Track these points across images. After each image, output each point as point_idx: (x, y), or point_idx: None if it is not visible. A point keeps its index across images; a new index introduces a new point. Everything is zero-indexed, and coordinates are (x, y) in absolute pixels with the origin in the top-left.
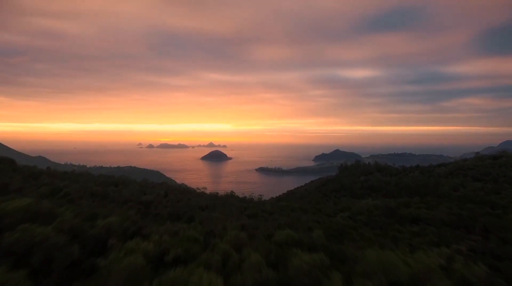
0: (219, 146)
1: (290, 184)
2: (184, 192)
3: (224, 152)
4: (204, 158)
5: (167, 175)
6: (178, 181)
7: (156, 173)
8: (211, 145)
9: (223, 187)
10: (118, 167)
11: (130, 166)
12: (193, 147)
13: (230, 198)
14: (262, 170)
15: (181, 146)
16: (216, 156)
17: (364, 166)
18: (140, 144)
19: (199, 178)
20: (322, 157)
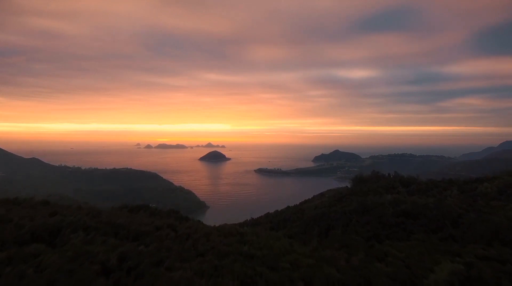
0: (217, 146)
1: (290, 186)
2: (160, 237)
3: (223, 152)
4: (203, 158)
5: (164, 177)
6: (176, 183)
7: (153, 175)
8: (209, 145)
9: (222, 189)
10: (114, 169)
11: (126, 168)
12: (191, 147)
13: (227, 239)
14: (261, 171)
15: (179, 146)
16: (214, 157)
17: (384, 178)
18: (138, 144)
19: (197, 180)
20: (321, 158)
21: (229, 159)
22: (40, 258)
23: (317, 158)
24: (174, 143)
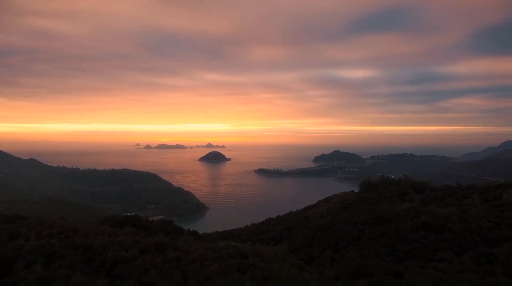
0: (217, 146)
1: (290, 186)
2: (143, 264)
3: (223, 152)
4: (203, 159)
5: (163, 178)
6: (175, 184)
7: (153, 176)
8: (209, 145)
9: (222, 190)
10: (113, 169)
11: (125, 169)
12: (191, 147)
13: (225, 263)
14: (261, 172)
15: (179, 147)
16: (214, 157)
17: (394, 183)
18: (138, 144)
19: (197, 181)
20: (321, 158)
21: (229, 159)
22: None
23: (317, 158)
24: (174, 143)
